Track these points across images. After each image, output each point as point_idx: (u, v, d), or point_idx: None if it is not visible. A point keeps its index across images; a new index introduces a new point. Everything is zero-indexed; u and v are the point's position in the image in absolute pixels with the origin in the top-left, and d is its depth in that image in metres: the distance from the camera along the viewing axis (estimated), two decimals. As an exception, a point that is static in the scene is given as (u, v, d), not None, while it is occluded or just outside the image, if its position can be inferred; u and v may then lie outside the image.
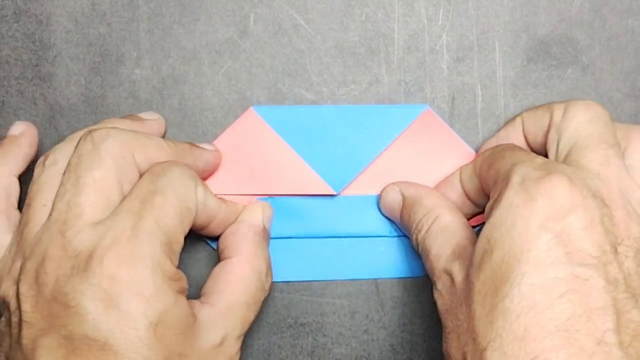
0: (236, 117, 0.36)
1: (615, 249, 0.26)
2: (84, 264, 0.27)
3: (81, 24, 0.36)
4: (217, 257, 0.33)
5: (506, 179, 0.28)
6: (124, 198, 0.29)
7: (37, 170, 0.31)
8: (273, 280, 0.35)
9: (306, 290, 0.36)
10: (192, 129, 0.36)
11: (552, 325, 0.25)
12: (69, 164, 0.30)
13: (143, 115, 0.35)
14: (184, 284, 0.29)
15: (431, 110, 0.36)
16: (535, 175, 0.27)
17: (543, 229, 0.26)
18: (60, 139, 0.35)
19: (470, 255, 0.28)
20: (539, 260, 0.26)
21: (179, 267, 0.29)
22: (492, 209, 0.28)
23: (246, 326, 0.31)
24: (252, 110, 0.36)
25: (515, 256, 0.26)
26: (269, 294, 0.36)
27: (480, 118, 0.36)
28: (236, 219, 0.34)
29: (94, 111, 0.36)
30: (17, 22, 0.36)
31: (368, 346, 0.36)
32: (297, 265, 0.36)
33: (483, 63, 0.36)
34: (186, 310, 0.28)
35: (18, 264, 0.29)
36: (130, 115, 0.34)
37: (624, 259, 0.26)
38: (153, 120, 0.35)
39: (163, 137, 0.35)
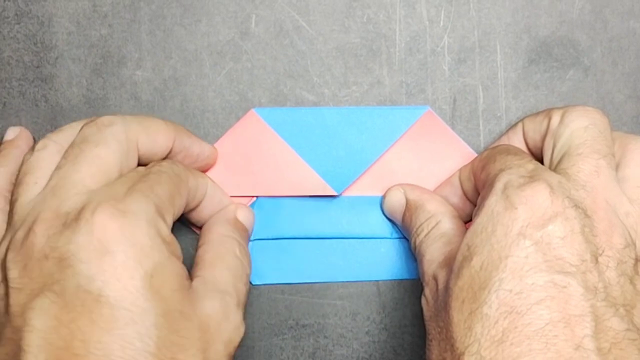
0: (238, 118, 0.36)
1: (596, 259, 0.26)
2: (75, 216, 0.26)
3: (83, 25, 0.36)
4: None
5: (491, 185, 0.28)
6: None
7: (26, 156, 0.30)
8: (274, 282, 0.36)
9: (307, 292, 0.36)
10: (193, 130, 0.36)
11: (529, 330, 0.25)
12: (72, 142, 0.29)
13: None
14: (178, 249, 0.29)
15: (432, 112, 0.36)
16: (518, 183, 0.27)
17: (522, 236, 0.26)
18: (62, 140, 0.35)
19: None
20: (517, 266, 0.26)
21: None
22: (475, 215, 0.28)
23: (241, 297, 0.31)
24: (253, 112, 0.36)
25: (494, 263, 0.26)
26: (269, 296, 0.36)
27: (481, 119, 0.36)
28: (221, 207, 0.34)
29: (95, 112, 0.36)
30: (19, 23, 0.36)
31: (369, 348, 0.36)
32: (298, 267, 0.36)
33: (484, 64, 0.36)
34: (181, 269, 0.28)
35: (8, 238, 0.28)
36: None
37: (605, 268, 0.26)
38: None
39: None
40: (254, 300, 0.36)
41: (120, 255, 0.25)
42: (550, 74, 0.37)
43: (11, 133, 0.34)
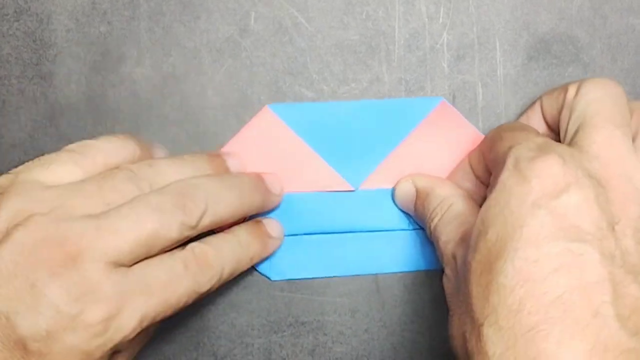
0: (237, 115, 0.36)
1: (612, 227, 0.26)
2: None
3: (82, 22, 0.36)
4: None
5: (502, 162, 0.28)
6: None
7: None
8: (294, 277, 0.36)
9: (306, 289, 0.36)
10: (193, 128, 0.36)
11: (546, 299, 0.25)
12: None
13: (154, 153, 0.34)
14: None
15: (446, 102, 0.36)
16: (529, 156, 0.27)
17: (536, 206, 0.26)
18: (61, 137, 0.35)
19: None
20: (532, 235, 0.26)
21: None
22: (489, 192, 0.28)
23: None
24: (267, 109, 0.36)
25: (509, 233, 0.26)
26: (268, 293, 0.36)
27: (481, 116, 0.36)
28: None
29: (94, 110, 0.36)
30: (18, 20, 0.36)
31: (369, 345, 0.36)
32: (317, 262, 0.36)
33: (484, 61, 0.36)
34: None
35: None
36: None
37: (622, 236, 0.26)
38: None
39: None
40: (253, 297, 0.36)
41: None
42: (549, 71, 0.37)
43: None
